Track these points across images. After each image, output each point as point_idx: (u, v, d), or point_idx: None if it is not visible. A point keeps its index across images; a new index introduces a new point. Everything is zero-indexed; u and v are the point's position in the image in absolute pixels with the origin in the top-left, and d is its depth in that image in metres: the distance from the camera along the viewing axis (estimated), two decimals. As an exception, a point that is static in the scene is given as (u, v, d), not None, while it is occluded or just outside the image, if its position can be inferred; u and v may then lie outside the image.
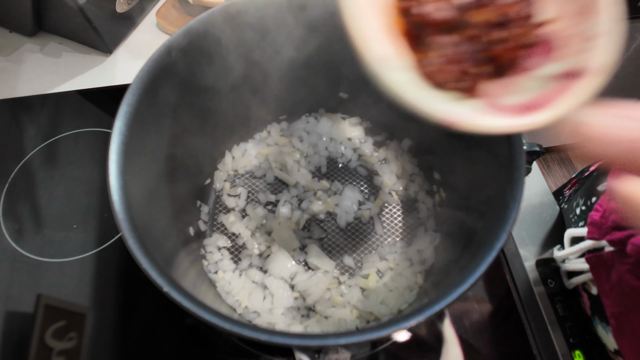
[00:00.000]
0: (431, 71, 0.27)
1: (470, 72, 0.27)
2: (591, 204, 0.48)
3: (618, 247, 0.40)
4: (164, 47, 0.42)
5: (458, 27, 0.27)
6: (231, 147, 0.61)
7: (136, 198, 0.37)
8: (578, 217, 0.51)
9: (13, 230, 0.56)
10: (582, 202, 0.51)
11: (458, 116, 0.25)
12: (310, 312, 0.50)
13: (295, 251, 0.54)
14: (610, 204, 0.42)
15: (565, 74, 0.26)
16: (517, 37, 0.27)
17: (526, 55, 0.27)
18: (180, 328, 0.50)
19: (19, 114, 0.66)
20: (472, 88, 0.27)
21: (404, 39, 0.27)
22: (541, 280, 0.52)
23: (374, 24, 0.27)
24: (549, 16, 0.27)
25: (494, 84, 0.27)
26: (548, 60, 0.27)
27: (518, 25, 0.26)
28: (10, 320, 0.50)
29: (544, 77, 0.27)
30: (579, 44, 0.26)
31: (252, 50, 0.50)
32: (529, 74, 0.27)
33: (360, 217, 0.57)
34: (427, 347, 0.49)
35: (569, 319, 0.49)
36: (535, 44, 0.27)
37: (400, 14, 0.27)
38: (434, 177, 0.56)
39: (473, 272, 0.32)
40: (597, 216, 0.44)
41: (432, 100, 0.26)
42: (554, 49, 0.27)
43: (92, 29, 0.66)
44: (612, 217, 0.41)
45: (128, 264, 0.54)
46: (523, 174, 0.36)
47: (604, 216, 0.43)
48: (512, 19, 0.26)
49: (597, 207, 0.44)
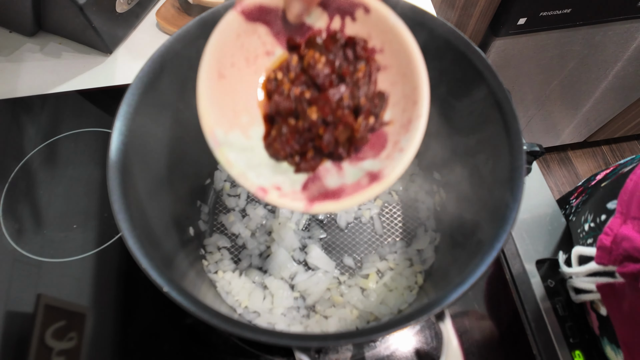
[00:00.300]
0: (275, 147, 0.33)
1: (305, 152, 0.33)
2: (600, 222, 0.46)
3: (630, 280, 0.38)
4: (164, 47, 0.42)
5: (299, 116, 0.33)
6: (231, 147, 0.60)
7: (136, 198, 0.37)
8: (586, 234, 0.49)
9: (13, 230, 0.56)
10: (591, 218, 0.49)
11: (263, 191, 0.31)
12: (310, 312, 0.50)
13: (295, 251, 0.54)
14: (622, 230, 0.40)
15: (370, 173, 0.31)
16: (338, 134, 0.32)
17: (360, 147, 0.33)
18: (180, 328, 0.50)
19: (19, 114, 0.66)
20: (312, 166, 0.33)
21: (265, 117, 0.35)
22: (541, 281, 0.52)
23: (226, 107, 0.33)
24: (388, 118, 0.33)
25: (332, 165, 0.33)
26: (372, 156, 0.33)
27: (342, 125, 0.32)
28: (10, 320, 0.50)
29: (363, 169, 0.32)
30: (391, 149, 0.32)
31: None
32: (356, 163, 0.33)
33: (360, 217, 0.57)
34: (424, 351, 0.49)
35: (569, 319, 0.49)
36: (364, 140, 0.33)
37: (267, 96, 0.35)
38: (434, 177, 0.56)
39: (473, 272, 0.32)
40: (607, 241, 0.41)
41: (253, 175, 0.32)
42: (382, 148, 0.33)
43: (92, 29, 0.66)
44: (624, 244, 0.39)
45: (128, 264, 0.54)
46: (523, 174, 0.36)
47: (615, 242, 0.40)
48: (337, 119, 0.32)
49: (607, 231, 0.42)
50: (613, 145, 1.73)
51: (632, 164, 0.51)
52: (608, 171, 0.59)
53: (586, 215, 0.50)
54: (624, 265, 0.39)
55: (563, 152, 1.72)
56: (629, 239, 0.38)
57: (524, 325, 0.50)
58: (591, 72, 1.19)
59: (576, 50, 1.09)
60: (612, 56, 1.13)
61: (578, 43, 1.06)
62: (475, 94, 0.42)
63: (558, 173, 1.68)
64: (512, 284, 0.52)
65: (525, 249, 0.55)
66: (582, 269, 0.46)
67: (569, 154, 1.72)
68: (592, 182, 0.61)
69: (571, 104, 1.34)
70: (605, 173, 0.60)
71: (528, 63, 1.10)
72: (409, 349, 0.49)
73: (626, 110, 1.40)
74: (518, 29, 0.97)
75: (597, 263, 0.43)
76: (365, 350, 0.49)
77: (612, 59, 1.14)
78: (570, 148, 1.72)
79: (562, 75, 1.18)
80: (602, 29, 1.03)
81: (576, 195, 0.63)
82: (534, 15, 0.94)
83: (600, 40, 1.06)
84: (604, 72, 1.19)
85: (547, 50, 1.06)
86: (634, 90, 1.29)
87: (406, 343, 0.49)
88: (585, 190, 0.60)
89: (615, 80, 1.23)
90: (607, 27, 1.02)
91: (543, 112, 1.36)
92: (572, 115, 1.40)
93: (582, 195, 0.60)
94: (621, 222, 0.41)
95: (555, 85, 1.22)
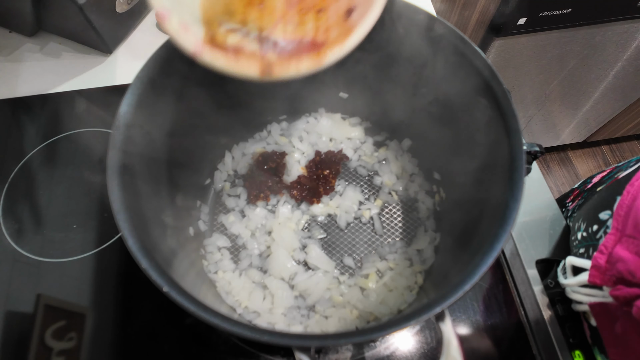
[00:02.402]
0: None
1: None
2: (592, 233, 0.46)
3: (622, 304, 0.37)
4: (164, 47, 0.42)
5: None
6: (231, 147, 0.60)
7: (136, 198, 0.37)
8: (579, 243, 0.49)
9: (13, 230, 0.56)
10: (584, 227, 0.48)
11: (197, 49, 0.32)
12: (310, 312, 0.50)
13: (295, 251, 0.54)
14: (617, 250, 0.39)
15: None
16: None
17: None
18: (180, 328, 0.50)
19: (19, 114, 0.66)
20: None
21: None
22: (541, 281, 0.52)
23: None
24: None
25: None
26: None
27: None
28: (10, 320, 0.50)
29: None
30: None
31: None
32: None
33: (360, 217, 0.57)
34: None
35: (569, 319, 0.49)
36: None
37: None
38: (434, 177, 0.56)
39: (473, 272, 0.32)
40: (602, 260, 0.40)
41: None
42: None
43: (92, 29, 0.66)
44: (619, 266, 0.38)
45: (128, 264, 0.53)
46: (523, 174, 0.36)
47: (610, 261, 0.40)
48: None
49: (602, 249, 0.41)
50: (613, 145, 1.73)
51: (629, 168, 0.51)
52: (604, 174, 0.59)
53: (579, 223, 0.50)
54: (618, 288, 0.38)
55: (563, 152, 1.72)
56: (624, 261, 0.37)
57: (523, 325, 0.50)
58: (591, 72, 1.19)
59: (576, 50, 1.08)
60: (612, 56, 1.13)
61: (578, 43, 1.06)
62: (475, 94, 0.42)
63: (558, 173, 1.68)
64: (512, 284, 0.52)
65: (525, 249, 0.55)
66: (575, 280, 0.45)
67: (569, 154, 1.71)
68: (589, 185, 0.61)
69: (571, 104, 1.34)
70: (601, 176, 0.59)
71: (528, 63, 1.10)
72: (409, 349, 0.49)
73: (626, 110, 1.40)
74: (518, 29, 0.97)
75: (589, 282, 0.42)
76: (365, 350, 0.49)
77: (612, 59, 1.14)
78: (570, 148, 1.72)
79: (562, 75, 1.18)
80: (602, 29, 1.03)
81: (572, 198, 0.63)
82: (534, 15, 0.94)
83: (600, 40, 1.06)
84: (604, 72, 1.19)
85: (547, 50, 1.06)
86: (633, 90, 1.29)
87: (406, 343, 0.49)
88: (581, 194, 0.60)
89: (615, 80, 1.23)
90: (607, 27, 1.02)
91: (543, 112, 1.36)
92: (572, 115, 1.40)
93: (579, 198, 0.60)
94: (616, 239, 0.40)
95: (555, 85, 1.22)
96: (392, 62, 0.50)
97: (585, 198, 0.56)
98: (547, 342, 0.48)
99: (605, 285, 0.40)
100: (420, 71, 0.48)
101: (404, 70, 0.50)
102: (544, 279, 0.52)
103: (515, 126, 0.38)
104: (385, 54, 0.49)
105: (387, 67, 0.51)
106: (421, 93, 0.51)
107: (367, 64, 0.52)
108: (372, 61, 0.51)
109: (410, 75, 0.50)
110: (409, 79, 0.50)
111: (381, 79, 0.54)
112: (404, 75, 0.50)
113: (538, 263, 0.53)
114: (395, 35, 0.46)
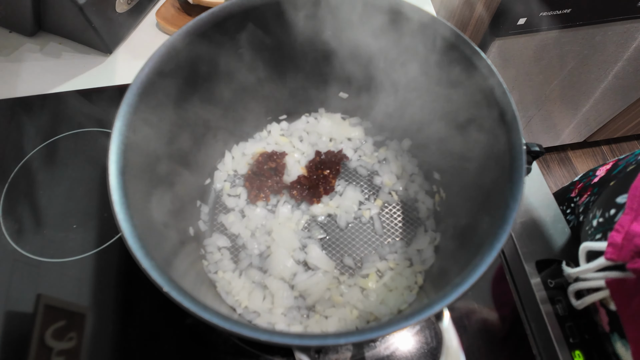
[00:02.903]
0: None
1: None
2: (610, 217, 0.46)
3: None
4: (164, 47, 0.42)
5: None
6: (231, 147, 0.60)
7: (136, 198, 0.37)
8: (595, 230, 0.48)
9: (13, 230, 0.56)
10: (600, 214, 0.48)
11: None
12: (310, 312, 0.50)
13: (295, 251, 0.54)
14: (633, 227, 0.40)
15: None
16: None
17: None
18: (180, 328, 0.50)
19: (19, 114, 0.66)
20: None
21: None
22: (541, 281, 0.52)
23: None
24: None
25: None
26: None
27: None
28: (10, 320, 0.50)
29: None
30: None
31: (252, 50, 0.50)
32: None
33: (360, 217, 0.57)
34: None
35: (569, 319, 0.49)
36: None
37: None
38: (434, 177, 0.56)
39: (473, 272, 0.32)
40: (618, 238, 0.41)
41: None
42: None
43: (92, 29, 0.66)
44: (636, 240, 0.38)
45: (128, 264, 0.53)
46: (523, 174, 0.36)
47: (627, 238, 0.40)
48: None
49: (617, 228, 0.42)
50: (613, 145, 1.73)
51: (636, 159, 0.51)
52: (608, 166, 0.59)
53: (595, 211, 0.50)
54: (635, 261, 0.38)
55: (563, 152, 1.72)
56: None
57: (524, 325, 0.50)
58: (591, 72, 1.19)
59: (576, 50, 1.08)
60: (612, 56, 1.13)
61: (578, 43, 1.06)
62: (475, 94, 0.42)
63: (558, 173, 1.68)
64: (512, 284, 0.52)
65: (525, 249, 0.55)
66: (591, 265, 0.45)
67: (569, 154, 1.72)
68: (593, 178, 0.60)
69: (571, 104, 1.34)
70: (606, 169, 0.59)
71: (528, 63, 1.10)
72: (409, 349, 0.49)
73: (626, 110, 1.40)
74: (518, 29, 0.97)
75: (606, 259, 0.42)
76: (365, 350, 0.49)
77: (612, 59, 1.14)
78: (570, 148, 1.72)
79: (562, 75, 1.18)
80: (602, 29, 1.03)
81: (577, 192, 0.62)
82: (534, 15, 0.94)
83: (600, 40, 1.06)
84: (604, 72, 1.19)
85: (547, 50, 1.06)
86: (633, 90, 1.29)
87: (406, 343, 0.49)
88: (589, 189, 0.60)
89: (615, 80, 1.23)
90: (607, 27, 1.02)
91: (543, 112, 1.36)
92: (572, 115, 1.40)
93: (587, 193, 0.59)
94: (632, 218, 0.41)
95: (555, 85, 1.22)
96: (392, 62, 0.50)
97: (597, 193, 0.55)
98: (547, 342, 0.48)
99: (622, 260, 0.40)
100: (420, 71, 0.48)
101: (403, 70, 0.50)
102: (544, 279, 0.52)
103: (515, 126, 0.38)
104: (384, 54, 0.49)
105: (386, 67, 0.51)
106: (421, 93, 0.51)
107: (366, 64, 0.52)
108: (371, 61, 0.51)
109: (410, 76, 0.50)
110: (408, 79, 0.50)
111: (381, 79, 0.54)
112: (403, 75, 0.50)
113: (538, 263, 0.53)
114: (394, 35, 0.46)
